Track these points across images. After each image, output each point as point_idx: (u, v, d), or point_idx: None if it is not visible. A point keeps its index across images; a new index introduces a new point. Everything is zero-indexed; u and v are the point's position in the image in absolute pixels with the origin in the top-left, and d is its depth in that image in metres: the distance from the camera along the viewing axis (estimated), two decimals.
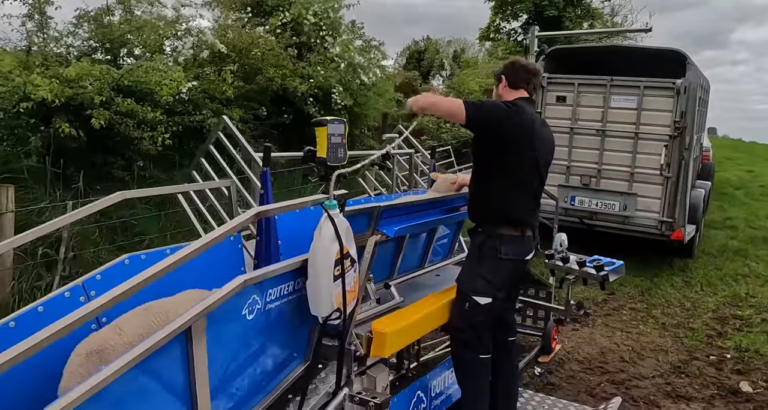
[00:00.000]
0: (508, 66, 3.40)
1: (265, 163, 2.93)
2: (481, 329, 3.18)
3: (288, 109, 8.07)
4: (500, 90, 3.37)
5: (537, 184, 3.29)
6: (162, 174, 6.03)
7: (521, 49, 24.25)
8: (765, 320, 6.68)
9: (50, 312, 2.17)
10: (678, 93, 7.62)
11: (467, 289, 3.16)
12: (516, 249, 3.19)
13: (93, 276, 2.33)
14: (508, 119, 3.09)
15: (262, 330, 2.43)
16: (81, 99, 4.90)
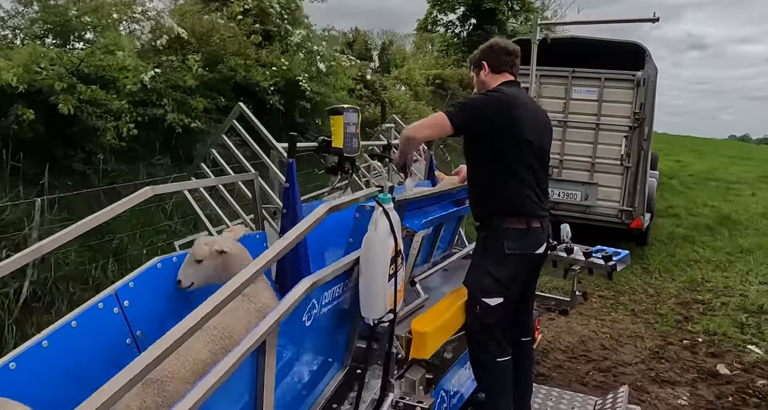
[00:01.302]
0: (486, 50, 3.15)
1: (291, 154, 2.71)
2: (496, 331, 3.00)
3: (249, 99, 7.70)
4: (483, 77, 3.12)
5: (538, 169, 3.04)
6: (125, 167, 5.59)
7: (458, 41, 24.55)
8: (725, 304, 6.97)
9: (85, 326, 1.90)
10: (638, 85, 7.83)
11: (476, 291, 2.98)
12: (522, 244, 2.97)
13: (125, 283, 2.06)
14: (492, 108, 2.90)
15: (315, 336, 2.23)
16: (40, 85, 4.44)
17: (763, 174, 17.62)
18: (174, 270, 2.25)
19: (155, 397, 1.74)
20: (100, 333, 1.94)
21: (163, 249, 5.32)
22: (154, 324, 2.13)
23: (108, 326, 1.98)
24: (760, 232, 10.53)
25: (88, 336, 1.90)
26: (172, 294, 2.25)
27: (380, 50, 25.91)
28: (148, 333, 2.11)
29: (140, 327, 2.09)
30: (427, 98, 15.94)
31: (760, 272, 8.25)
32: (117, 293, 2.02)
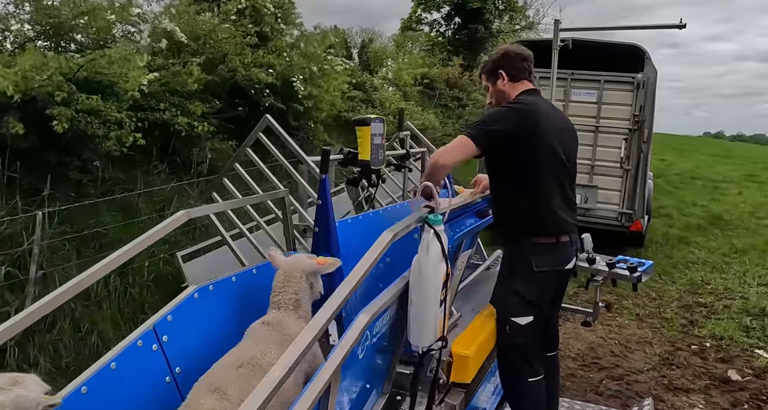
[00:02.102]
0: (501, 58, 2.97)
1: (323, 169, 2.56)
2: (527, 351, 2.89)
3: (242, 101, 7.52)
4: (501, 86, 2.95)
5: (564, 178, 2.89)
6: (122, 175, 5.38)
7: (444, 40, 24.47)
8: (727, 306, 6.96)
9: (124, 368, 1.74)
10: (637, 87, 7.79)
11: (504, 311, 2.85)
12: (551, 260, 2.83)
13: (163, 317, 1.90)
14: (514, 122, 2.76)
15: (365, 367, 2.10)
16: (36, 93, 4.21)
17: (748, 172, 17.84)
18: (210, 299, 2.10)
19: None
20: (140, 373, 1.79)
21: (165, 260, 5.13)
22: (193, 358, 1.99)
23: (147, 365, 1.83)
24: (752, 232, 10.60)
25: (128, 377, 1.75)
26: (209, 325, 2.10)
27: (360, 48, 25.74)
28: (187, 369, 1.96)
29: (179, 363, 1.94)
30: (415, 99, 15.84)
31: (756, 273, 8.27)
32: (155, 328, 1.86)
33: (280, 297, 2.22)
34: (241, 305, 2.25)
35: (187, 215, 2.11)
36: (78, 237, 4.40)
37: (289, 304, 2.21)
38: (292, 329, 2.14)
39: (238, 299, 2.24)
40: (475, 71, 21.20)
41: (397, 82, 15.33)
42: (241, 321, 2.17)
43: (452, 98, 18.58)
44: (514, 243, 2.91)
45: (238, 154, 3.37)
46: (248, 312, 2.23)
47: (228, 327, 2.14)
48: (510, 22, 25.76)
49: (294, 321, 2.20)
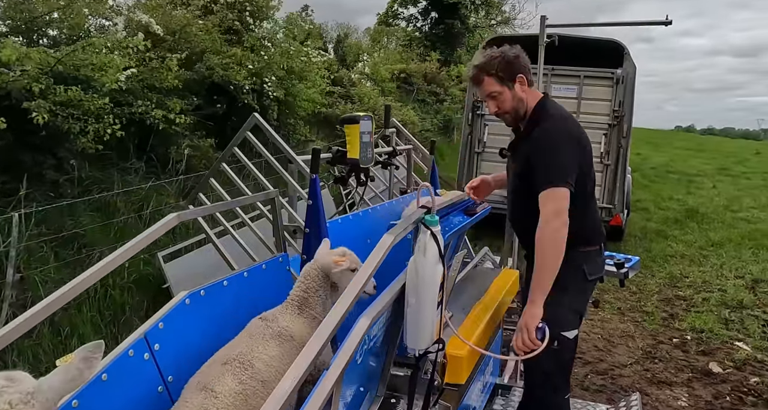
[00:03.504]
0: (517, 61, 2.64)
1: (314, 168, 2.50)
2: (570, 366, 2.83)
3: (221, 97, 7.40)
4: (521, 92, 2.66)
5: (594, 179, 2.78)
6: (99, 174, 5.24)
7: (420, 35, 24.45)
8: (706, 299, 7.07)
9: (116, 379, 1.67)
10: (617, 82, 7.85)
11: (553, 326, 2.63)
12: (599, 266, 2.77)
13: (155, 325, 1.83)
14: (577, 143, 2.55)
15: (361, 371, 2.05)
16: (11, 87, 4.07)
17: (721, 166, 18.17)
18: (202, 304, 2.04)
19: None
20: (132, 384, 1.72)
21: (146, 261, 5.02)
22: (185, 367, 1.92)
23: (139, 375, 1.76)
24: (727, 225, 10.80)
25: (120, 389, 1.68)
26: (201, 331, 2.04)
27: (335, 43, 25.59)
28: (180, 378, 1.90)
29: (171, 372, 1.87)
30: (393, 94, 15.79)
31: (733, 266, 8.42)
32: (147, 337, 1.79)
33: (291, 292, 2.24)
34: (234, 309, 2.19)
35: (178, 218, 2.04)
36: (56, 238, 4.27)
37: (295, 301, 2.20)
38: (288, 326, 2.12)
39: (230, 304, 2.18)
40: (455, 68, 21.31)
41: (374, 77, 15.25)
42: (233, 326, 2.11)
43: (430, 93, 18.56)
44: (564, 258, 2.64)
45: (225, 153, 3.29)
46: (241, 317, 2.17)
47: (221, 333, 2.08)
48: (486, 17, 25.85)
49: (293, 317, 2.17)
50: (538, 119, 2.66)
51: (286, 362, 1.97)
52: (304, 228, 2.54)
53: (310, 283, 2.23)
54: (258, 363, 1.90)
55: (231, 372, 1.83)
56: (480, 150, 8.61)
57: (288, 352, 2.02)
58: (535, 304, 2.49)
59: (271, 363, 1.94)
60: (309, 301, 2.21)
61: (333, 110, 10.77)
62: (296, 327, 2.12)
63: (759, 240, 9.77)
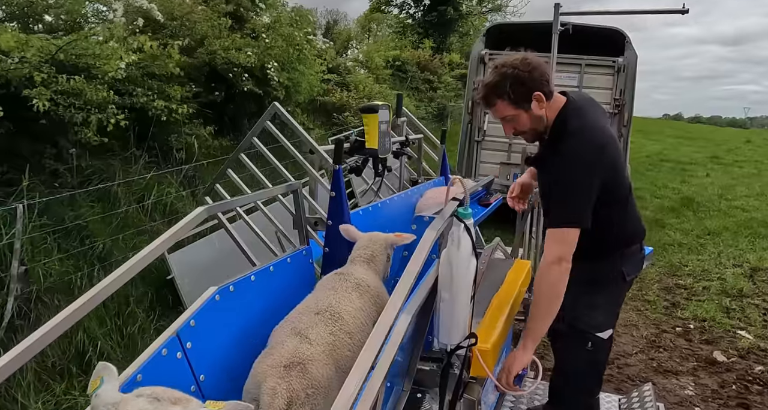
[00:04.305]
0: (531, 77, 2.34)
1: (337, 159, 2.44)
2: (604, 366, 2.77)
3: (219, 85, 7.28)
4: (539, 111, 2.40)
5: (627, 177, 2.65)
6: (99, 164, 5.14)
7: (413, 22, 24.27)
8: (706, 288, 7.10)
9: (150, 379, 1.61)
10: (618, 71, 7.81)
11: (587, 327, 2.61)
12: (637, 265, 2.70)
13: (186, 323, 1.77)
14: (597, 171, 2.34)
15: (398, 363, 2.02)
16: (12, 76, 3.95)
17: (712, 154, 18.26)
18: (232, 300, 1.98)
19: (301, 379, 1.81)
20: (165, 384, 1.65)
21: None
22: (217, 365, 1.87)
23: (173, 375, 1.71)
24: (723, 213, 10.85)
25: None
26: (231, 327, 1.98)
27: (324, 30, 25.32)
28: (211, 376, 1.84)
29: (203, 371, 1.81)
30: (387, 81, 15.67)
31: (731, 254, 8.46)
32: (179, 335, 1.73)
33: (357, 253, 2.44)
34: (261, 305, 2.14)
35: (207, 212, 1.97)
36: (58, 230, 4.18)
37: (363, 258, 2.41)
38: (363, 277, 2.32)
39: (257, 299, 2.13)
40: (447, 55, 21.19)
41: (368, 65, 15.11)
42: (262, 321, 2.06)
43: (424, 81, 18.45)
44: (598, 258, 2.61)
45: (244, 143, 3.20)
46: (267, 313, 2.12)
47: (251, 329, 2.03)
48: (479, 4, 25.70)
49: (364, 269, 2.39)
50: (558, 138, 2.44)
51: (366, 313, 2.19)
52: (327, 220, 2.48)
53: (377, 248, 2.46)
54: (346, 316, 2.09)
55: (324, 322, 2.00)
56: (480, 138, 8.55)
57: (367, 303, 2.23)
58: (526, 350, 2.40)
59: (356, 315, 2.13)
60: (375, 259, 2.44)
61: (329, 98, 10.67)
62: (369, 278, 2.34)
63: (755, 228, 9.83)
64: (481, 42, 8.53)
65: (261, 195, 2.51)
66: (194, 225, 1.95)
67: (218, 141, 6.76)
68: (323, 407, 1.82)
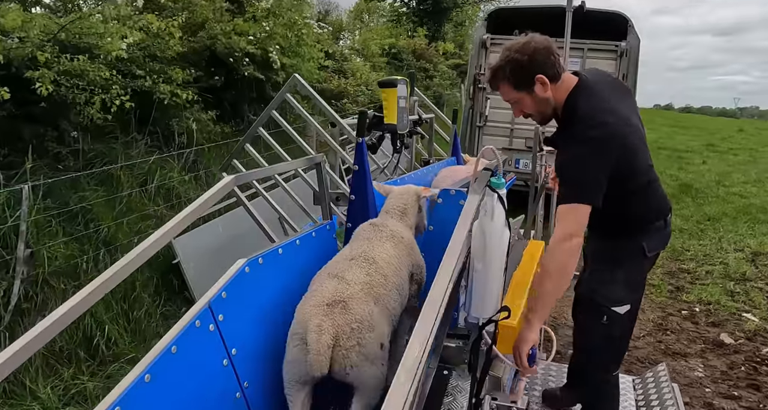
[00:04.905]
0: (531, 61, 2.32)
1: (360, 132, 2.38)
2: (623, 343, 2.74)
3: (219, 70, 7.18)
4: (543, 94, 2.38)
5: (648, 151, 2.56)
6: (101, 147, 5.04)
7: (408, 11, 24.09)
8: (709, 272, 7.10)
9: (185, 351, 1.55)
10: (620, 55, 7.75)
11: (604, 300, 2.57)
12: (660, 242, 2.63)
13: (218, 294, 1.71)
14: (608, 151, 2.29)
15: None
16: (14, 55, 3.84)
17: (707, 143, 18.31)
18: (260, 272, 1.92)
19: (344, 315, 1.88)
20: (199, 356, 1.61)
21: None
22: (247, 338, 1.81)
23: (206, 347, 1.65)
24: (721, 199, 10.87)
25: (189, 362, 1.57)
26: (261, 300, 1.93)
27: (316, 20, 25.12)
28: (242, 350, 1.79)
29: (235, 344, 1.76)
30: (383, 69, 15.57)
31: (731, 239, 8.48)
32: (211, 306, 1.67)
33: (390, 204, 2.50)
34: (288, 277, 2.09)
35: (234, 181, 1.91)
36: (62, 213, 4.09)
37: (397, 210, 2.47)
38: (397, 229, 2.37)
39: (285, 271, 2.08)
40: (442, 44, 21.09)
41: (364, 52, 15.01)
42: (289, 294, 2.01)
43: (419, 69, 18.35)
44: (619, 235, 2.61)
45: (262, 117, 3.12)
46: (294, 285, 2.07)
47: (279, 302, 1.98)
48: None
49: (397, 223, 2.44)
50: (568, 120, 2.41)
51: (400, 261, 2.26)
52: (350, 195, 2.42)
53: (408, 199, 2.52)
54: (380, 261, 2.16)
55: (358, 265, 2.09)
56: (481, 124, 8.50)
57: (402, 252, 2.29)
58: (531, 328, 2.31)
59: (390, 261, 2.20)
60: (408, 211, 2.50)
61: (328, 85, 10.57)
62: (403, 231, 2.39)
63: (754, 214, 9.85)
64: (482, 26, 8.46)
65: (286, 166, 2.45)
66: (223, 195, 1.89)
67: (219, 126, 6.67)
68: (368, 340, 1.90)
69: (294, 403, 1.86)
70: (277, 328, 1.93)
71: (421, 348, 1.15)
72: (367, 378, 1.92)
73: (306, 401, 1.87)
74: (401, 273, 2.23)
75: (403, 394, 1.01)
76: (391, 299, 2.10)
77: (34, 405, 3.32)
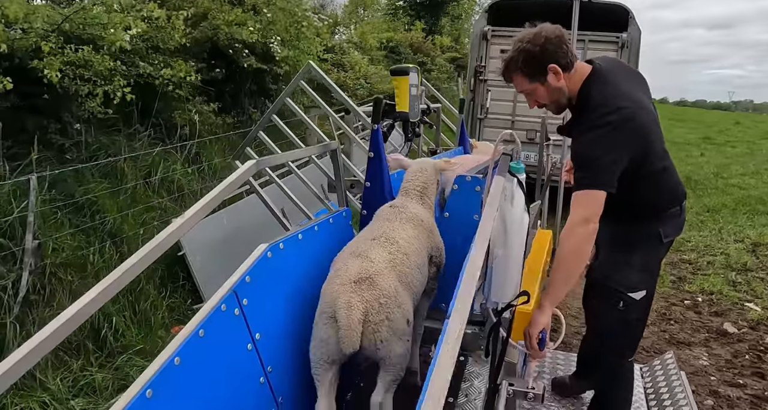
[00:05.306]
0: (543, 52, 2.34)
1: (375, 119, 2.37)
2: (638, 328, 2.73)
3: (219, 62, 7.15)
4: (556, 84, 2.39)
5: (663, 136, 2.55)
6: (104, 139, 5.01)
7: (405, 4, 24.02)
8: (710, 263, 7.13)
9: (212, 335, 1.55)
10: (622, 46, 7.75)
11: (619, 285, 2.57)
12: (676, 227, 2.63)
13: (242, 279, 1.71)
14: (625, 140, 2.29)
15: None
16: (18, 46, 3.81)
17: (704, 135, 18.36)
18: (282, 257, 1.92)
19: (372, 290, 1.91)
20: (225, 341, 1.61)
21: (159, 228, 4.85)
22: (270, 323, 1.81)
23: (231, 331, 1.65)
24: (720, 191, 10.91)
25: (215, 346, 1.56)
26: (283, 284, 1.93)
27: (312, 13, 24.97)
28: (266, 335, 1.78)
29: (258, 329, 1.75)
30: (381, 63, 15.53)
31: (731, 230, 8.51)
32: (236, 291, 1.67)
33: (409, 185, 2.48)
34: (307, 263, 2.09)
35: (257, 165, 1.90)
36: (67, 204, 4.07)
37: (416, 191, 2.46)
38: (416, 212, 2.38)
39: (305, 257, 2.08)
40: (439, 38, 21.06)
41: (362, 45, 14.97)
42: (310, 280, 2.01)
43: (417, 63, 18.33)
44: (635, 220, 2.60)
45: (276, 104, 3.11)
46: (313, 271, 2.07)
47: (300, 287, 1.98)
48: None
49: (417, 205, 2.44)
50: (583, 109, 2.41)
51: (420, 242, 2.29)
52: (365, 182, 2.41)
53: (427, 177, 2.50)
54: (401, 241, 2.18)
55: (380, 245, 2.12)
56: (482, 116, 8.49)
57: (420, 234, 2.31)
58: (543, 312, 2.30)
59: (410, 241, 2.22)
60: (428, 190, 2.49)
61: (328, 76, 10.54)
62: (422, 214, 2.40)
63: (753, 205, 9.89)
64: (483, 18, 8.44)
65: (302, 153, 2.44)
66: (246, 178, 1.88)
67: (221, 118, 6.65)
68: (396, 315, 1.93)
69: (322, 383, 1.86)
70: (299, 313, 1.94)
71: (462, 322, 1.15)
72: (395, 354, 1.93)
73: (333, 381, 1.88)
74: (421, 253, 2.26)
75: (449, 368, 1.01)
76: (413, 278, 2.12)
77: (44, 396, 3.32)
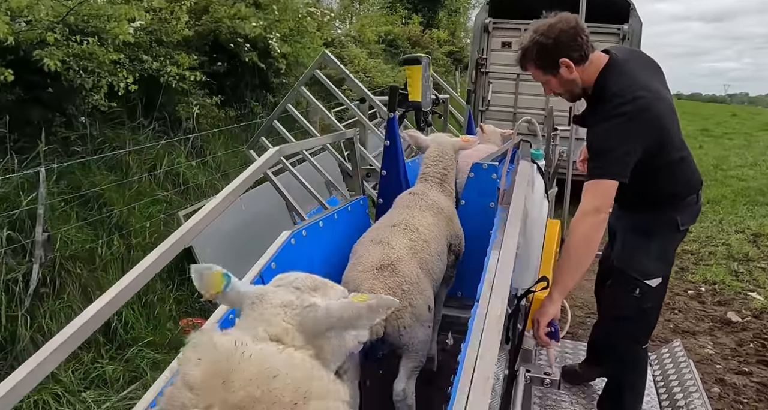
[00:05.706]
0: (555, 44, 2.34)
1: (391, 107, 2.37)
2: (653, 316, 2.76)
3: (221, 56, 7.13)
4: (569, 76, 2.39)
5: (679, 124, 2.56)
6: (109, 132, 5.00)
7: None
8: (712, 253, 7.17)
9: None
10: (623, 38, 7.75)
11: (636, 273, 2.59)
12: (693, 215, 2.67)
13: (267, 265, 1.72)
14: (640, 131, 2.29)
15: None
16: (23, 38, 3.79)
17: (702, 128, 18.38)
18: (304, 244, 1.93)
19: (394, 277, 1.92)
20: None
21: (165, 221, 4.85)
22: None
23: None
24: (719, 183, 10.94)
25: None
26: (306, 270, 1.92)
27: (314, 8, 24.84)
28: None
29: None
30: (380, 57, 15.50)
31: (732, 221, 8.54)
32: (263, 276, 1.67)
33: (430, 170, 2.47)
34: (328, 249, 2.11)
35: (279, 153, 1.90)
36: (74, 197, 4.07)
37: (436, 177, 2.44)
38: (436, 199, 2.37)
39: (326, 244, 2.10)
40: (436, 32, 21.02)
41: (360, 39, 14.93)
42: (331, 266, 2.01)
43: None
44: (651, 209, 2.62)
45: (290, 94, 3.11)
46: (333, 257, 2.08)
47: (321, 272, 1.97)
48: None
49: (437, 193, 2.44)
50: (598, 99, 2.43)
51: (440, 230, 2.29)
52: (381, 170, 2.41)
53: (448, 162, 2.48)
54: (421, 228, 2.19)
55: (401, 232, 2.12)
56: (484, 108, 8.48)
57: (440, 222, 2.30)
58: (552, 301, 2.28)
59: (430, 228, 2.22)
60: (447, 178, 2.47)
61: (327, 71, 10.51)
62: (442, 201, 2.39)
63: (752, 196, 9.93)
64: (484, 11, 8.43)
65: (317, 141, 2.44)
66: (268, 167, 1.89)
67: (224, 111, 6.64)
68: (419, 301, 1.94)
69: None
70: None
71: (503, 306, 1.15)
72: (417, 341, 1.94)
73: (355, 368, 1.87)
74: (441, 241, 2.26)
75: (495, 347, 1.01)
76: (434, 265, 2.13)
77: (57, 388, 3.32)
